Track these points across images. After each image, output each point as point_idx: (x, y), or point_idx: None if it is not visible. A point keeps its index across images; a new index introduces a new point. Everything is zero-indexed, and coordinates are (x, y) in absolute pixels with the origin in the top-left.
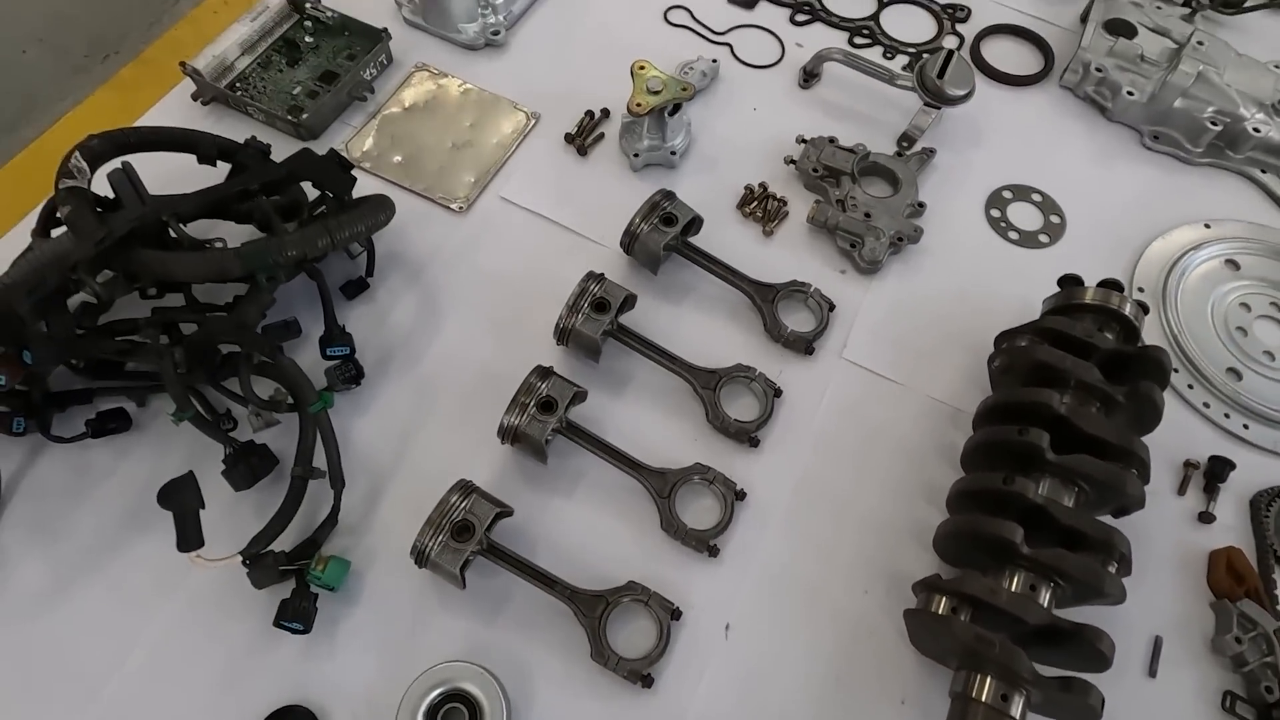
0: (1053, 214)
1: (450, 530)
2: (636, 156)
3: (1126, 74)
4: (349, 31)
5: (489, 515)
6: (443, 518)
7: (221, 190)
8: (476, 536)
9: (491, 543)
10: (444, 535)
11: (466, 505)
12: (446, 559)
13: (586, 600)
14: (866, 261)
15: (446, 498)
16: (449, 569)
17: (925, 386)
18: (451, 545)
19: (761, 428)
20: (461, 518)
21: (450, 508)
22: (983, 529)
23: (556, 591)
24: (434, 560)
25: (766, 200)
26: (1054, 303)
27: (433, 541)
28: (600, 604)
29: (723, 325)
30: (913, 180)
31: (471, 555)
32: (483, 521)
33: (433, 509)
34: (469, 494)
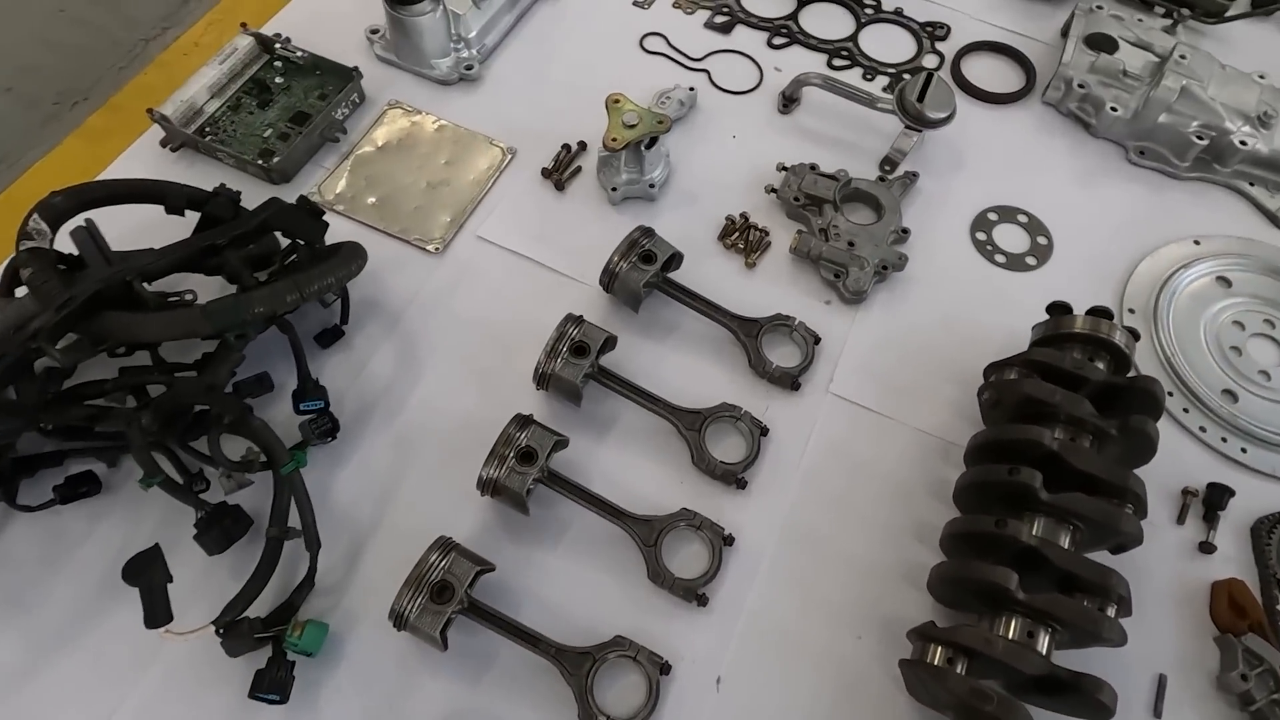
0: (1039, 235)
1: (429, 591)
2: (615, 190)
3: (1109, 90)
4: (320, 70)
5: (469, 574)
6: (421, 579)
7: (189, 247)
8: (457, 597)
9: (473, 601)
10: (423, 597)
11: (445, 564)
12: (426, 622)
13: (573, 658)
14: (851, 292)
15: (425, 557)
16: (429, 632)
17: (915, 420)
18: (431, 607)
19: (748, 468)
20: (440, 578)
21: (429, 568)
22: (976, 575)
23: (541, 650)
24: (413, 623)
25: (748, 231)
26: (1042, 332)
27: (411, 604)
28: (587, 661)
29: (707, 362)
30: (896, 206)
31: (453, 615)
32: (463, 581)
33: (411, 569)
34: (448, 552)
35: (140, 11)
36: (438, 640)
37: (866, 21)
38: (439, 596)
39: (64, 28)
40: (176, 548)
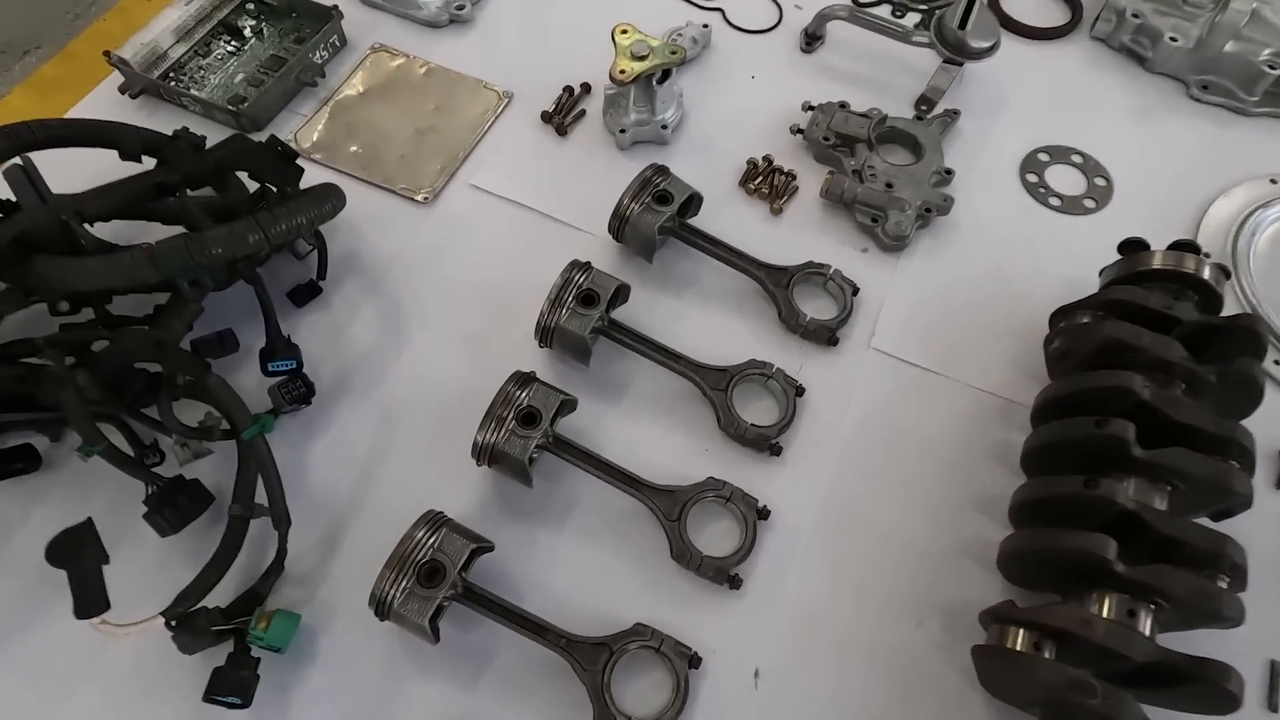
0: (1097, 176)
1: (417, 573)
2: (623, 133)
3: (1168, 18)
4: (296, 13)
5: (463, 553)
6: (406, 558)
7: (135, 184)
8: (449, 579)
9: (468, 585)
10: (409, 580)
11: (435, 542)
12: (413, 609)
13: (586, 650)
14: (891, 237)
15: (410, 534)
16: (416, 620)
17: (969, 377)
18: (419, 592)
19: (783, 432)
20: (429, 558)
21: (415, 545)
22: (1065, 545)
23: (549, 641)
24: (398, 611)
25: (772, 175)
26: (1116, 271)
27: (396, 588)
28: (603, 654)
29: (731, 317)
30: (937, 145)
31: (445, 602)
32: (455, 561)
33: (394, 548)
34: (437, 528)
35: None
36: (427, 631)
37: None
38: (428, 580)
39: None
40: (127, 533)
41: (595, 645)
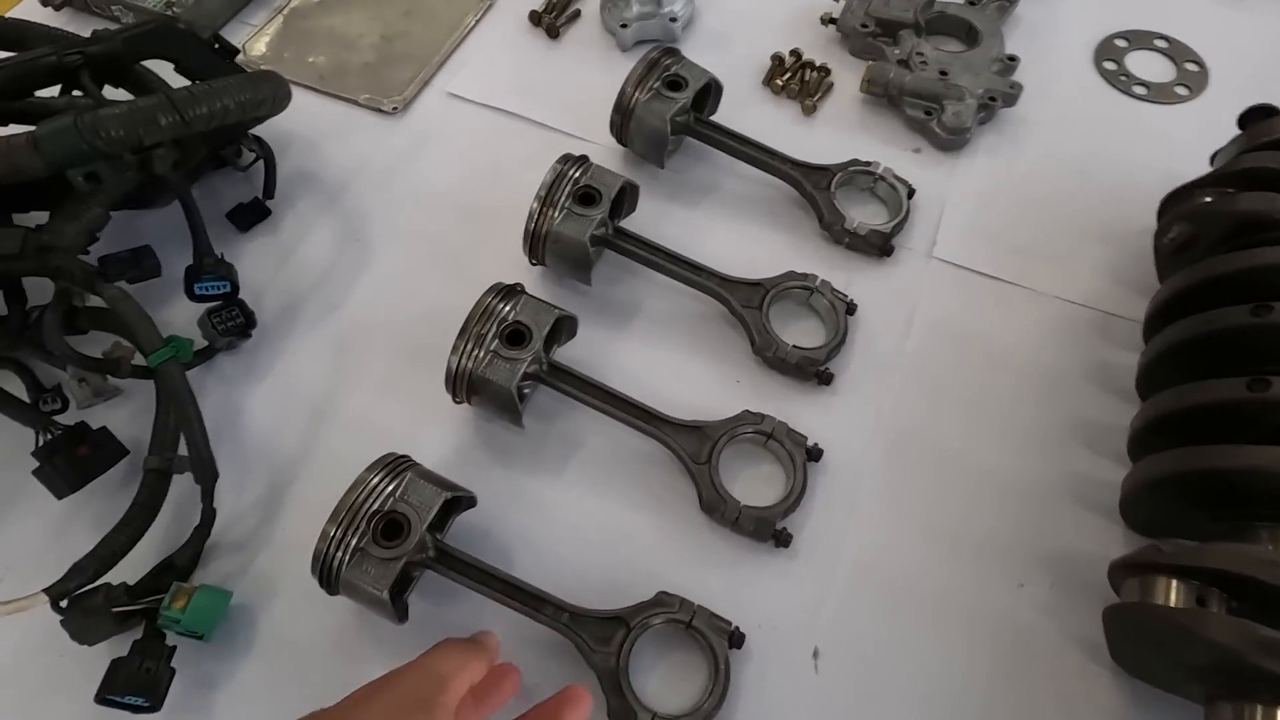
0: (1187, 61)
1: (372, 529)
2: (625, 28)
3: None
4: None
5: (433, 504)
6: (358, 510)
7: (18, 62)
8: (414, 537)
9: (441, 547)
10: (361, 537)
11: (395, 490)
12: (368, 575)
13: (595, 627)
14: (950, 131)
15: (363, 479)
16: (372, 590)
17: (1055, 287)
18: (374, 553)
19: (833, 356)
20: (388, 508)
21: (369, 493)
22: (1233, 463)
23: (547, 617)
24: (347, 578)
25: (802, 70)
26: (1239, 147)
27: (342, 549)
28: (617, 631)
29: (760, 228)
30: (995, 31)
31: (413, 570)
32: (423, 514)
33: (341, 497)
34: (399, 473)
35: None
36: (387, 604)
37: None
38: (386, 537)
39: None
40: (15, 495)
41: (607, 620)
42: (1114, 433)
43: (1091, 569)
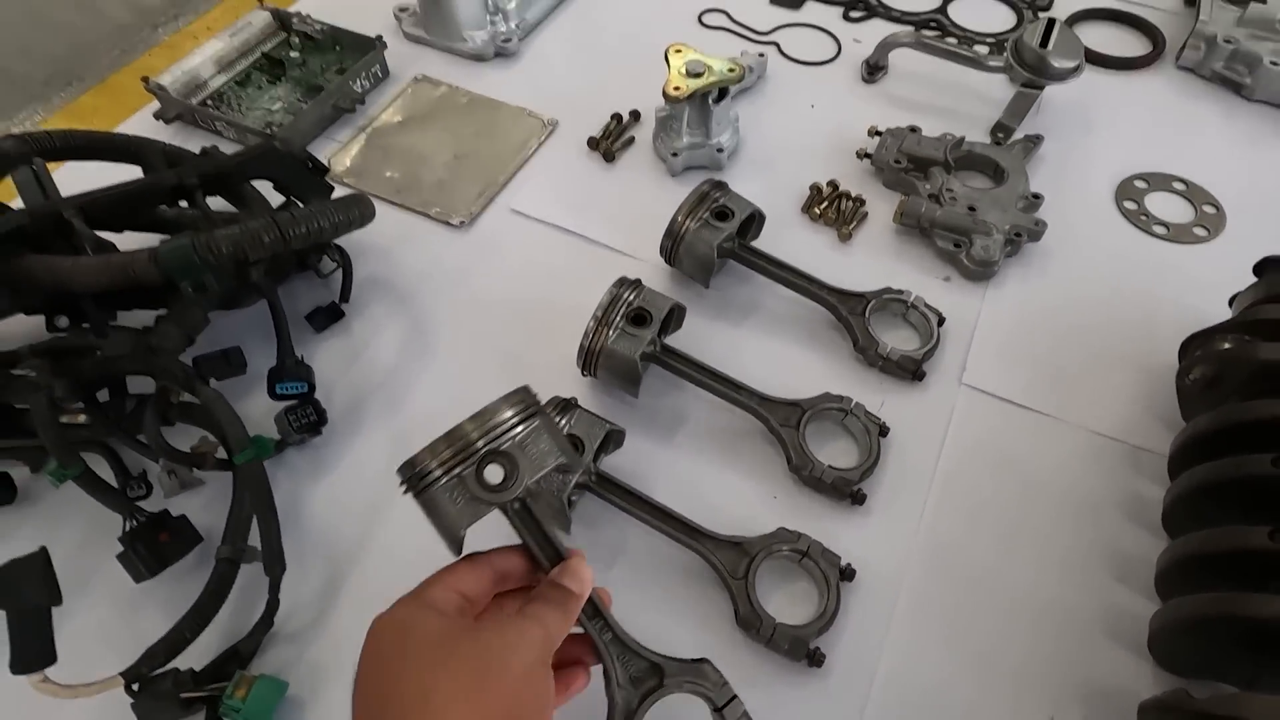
0: (1205, 204)
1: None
2: (675, 156)
3: (1265, 43)
4: (340, 45)
5: (545, 463)
6: (470, 444)
7: (147, 183)
8: (516, 488)
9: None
10: (468, 467)
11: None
12: (453, 504)
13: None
14: (977, 263)
15: (495, 408)
16: (452, 520)
17: (1083, 418)
18: (472, 489)
19: (866, 477)
20: (502, 448)
21: (496, 430)
22: (1256, 613)
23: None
24: (433, 497)
25: (839, 199)
26: (1256, 294)
27: (443, 471)
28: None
29: (799, 349)
30: (1021, 170)
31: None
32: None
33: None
34: (529, 415)
35: None
36: (459, 540)
37: None
38: (489, 478)
39: (65, 9)
40: (94, 575)
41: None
42: (1144, 566)
43: (1123, 704)
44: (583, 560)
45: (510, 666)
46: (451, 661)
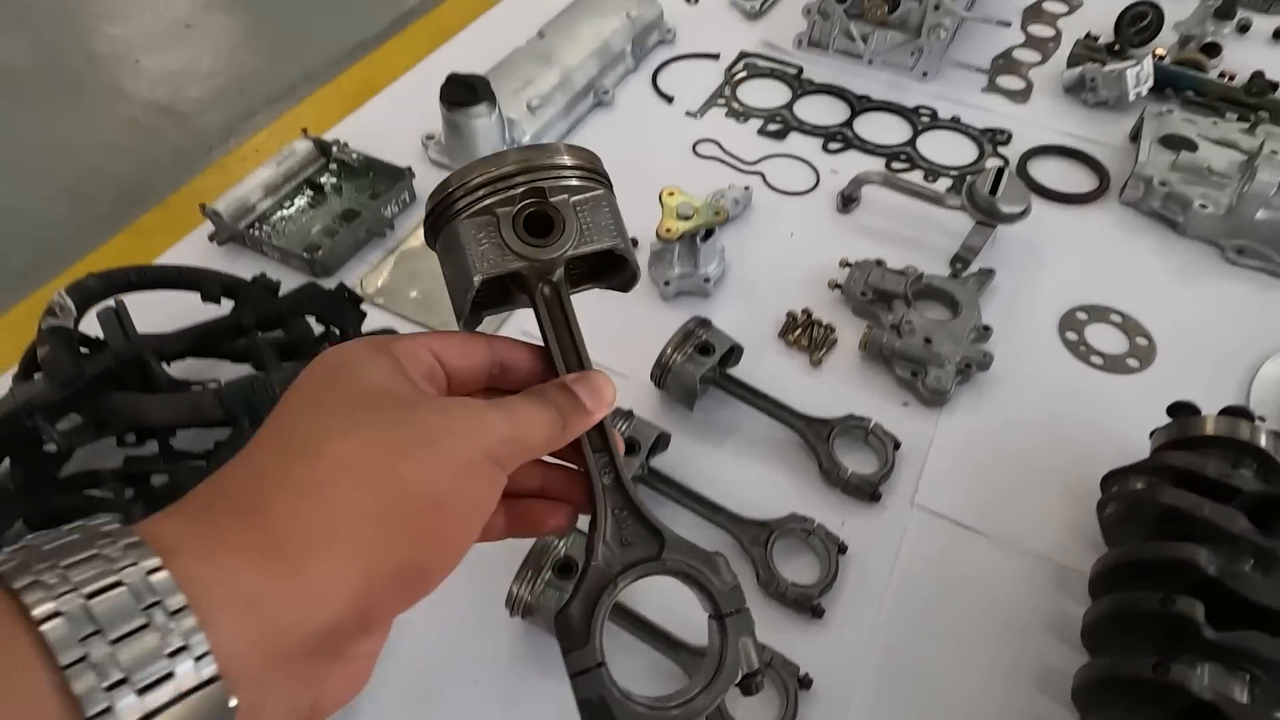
0: (1138, 336)
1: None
2: (667, 285)
3: (1196, 187)
4: (373, 172)
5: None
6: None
7: (211, 326)
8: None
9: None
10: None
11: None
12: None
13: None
14: (931, 391)
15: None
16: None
17: (1019, 539)
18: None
19: (825, 592)
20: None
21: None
22: None
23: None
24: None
25: (811, 327)
26: (1168, 435)
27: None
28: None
29: (771, 468)
30: (974, 303)
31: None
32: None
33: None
34: (594, 178)
35: (207, 123)
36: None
37: (923, 129)
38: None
39: (133, 135)
40: None
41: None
42: (1066, 679)
43: None
44: (606, 377)
45: (444, 451)
46: (369, 420)
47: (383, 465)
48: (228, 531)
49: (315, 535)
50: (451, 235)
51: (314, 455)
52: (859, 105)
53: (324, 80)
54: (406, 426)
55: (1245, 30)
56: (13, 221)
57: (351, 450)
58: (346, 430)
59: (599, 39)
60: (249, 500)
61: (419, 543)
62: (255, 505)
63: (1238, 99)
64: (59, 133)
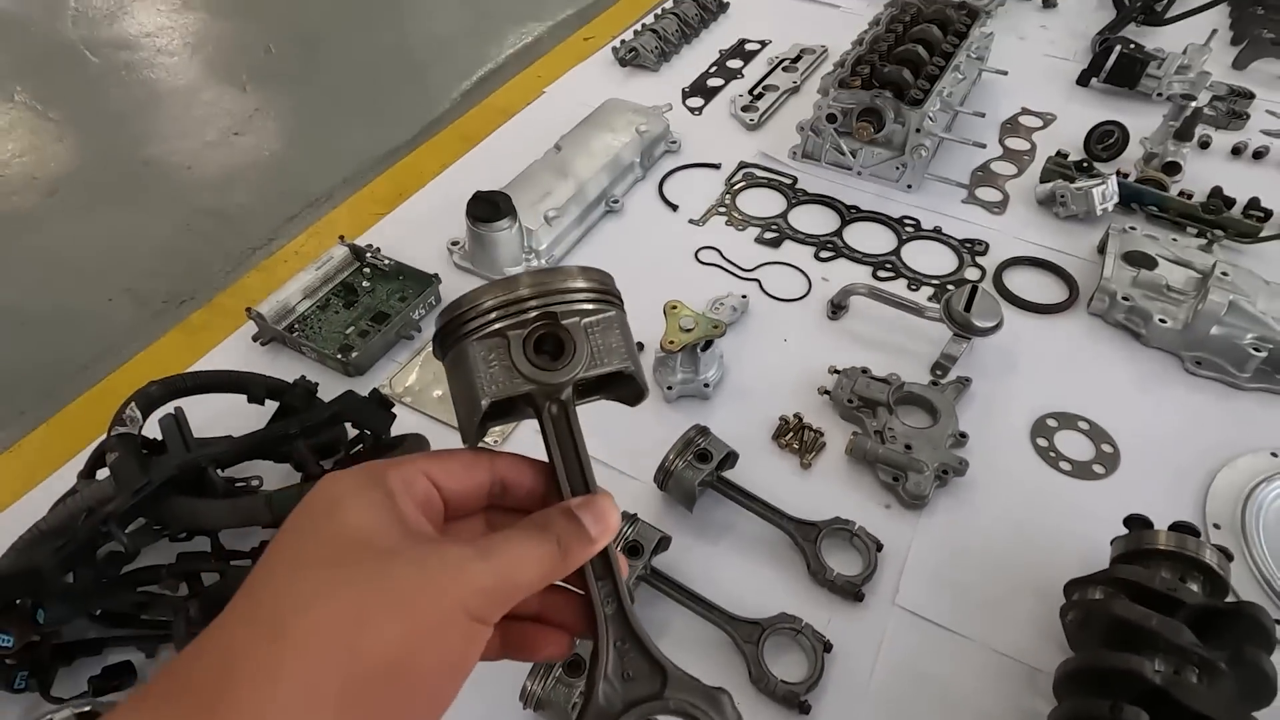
0: (1104, 443)
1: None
2: (670, 389)
3: (1155, 302)
4: (403, 276)
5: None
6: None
7: (263, 435)
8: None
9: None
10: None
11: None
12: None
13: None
14: (911, 496)
15: None
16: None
17: (992, 639)
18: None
19: (811, 689)
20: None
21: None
22: None
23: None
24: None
25: (802, 431)
26: (1123, 547)
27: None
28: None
29: (764, 566)
30: (951, 410)
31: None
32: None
33: None
34: (606, 300)
35: (253, 227)
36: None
37: (907, 239)
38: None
39: (186, 239)
40: None
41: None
42: None
43: None
44: (612, 501)
45: (413, 613)
46: (341, 579)
47: (345, 639)
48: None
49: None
50: (460, 355)
51: (279, 634)
52: (848, 215)
53: (359, 185)
54: (377, 587)
55: (1206, 146)
56: (78, 320)
57: (314, 624)
58: (314, 597)
59: (611, 152)
60: (207, 699)
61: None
62: (213, 704)
63: (1196, 215)
64: (120, 236)
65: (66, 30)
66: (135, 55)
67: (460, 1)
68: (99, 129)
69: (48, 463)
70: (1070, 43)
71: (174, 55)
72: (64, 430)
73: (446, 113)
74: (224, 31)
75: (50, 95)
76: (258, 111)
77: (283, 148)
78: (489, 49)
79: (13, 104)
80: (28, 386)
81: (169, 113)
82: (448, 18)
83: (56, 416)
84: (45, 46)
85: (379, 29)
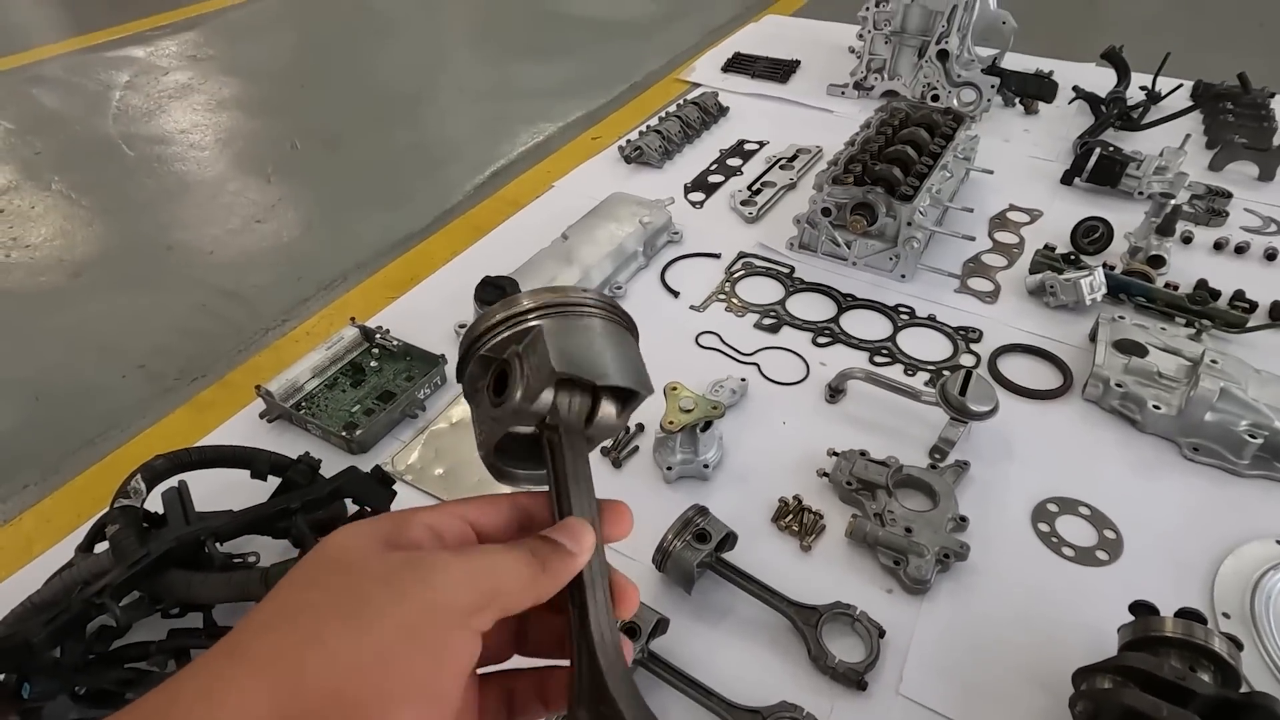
0: (1106, 529)
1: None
2: (670, 469)
3: (1149, 389)
4: (410, 357)
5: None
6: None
7: (262, 510)
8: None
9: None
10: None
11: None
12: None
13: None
14: (913, 580)
15: None
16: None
17: None
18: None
19: None
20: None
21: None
22: None
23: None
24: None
25: (802, 513)
26: (1131, 634)
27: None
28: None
29: (764, 651)
30: (950, 493)
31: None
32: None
33: None
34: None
35: (267, 308)
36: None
37: (902, 325)
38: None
39: (201, 318)
40: None
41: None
42: None
43: None
44: (586, 524)
45: (368, 624)
46: (306, 601)
47: (289, 657)
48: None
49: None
50: (472, 403)
51: (235, 653)
52: (845, 303)
53: (372, 270)
54: (339, 600)
55: (1189, 241)
56: (91, 395)
57: (271, 644)
58: (277, 617)
59: (615, 241)
60: (160, 712)
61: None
62: (166, 711)
63: (1183, 306)
64: (139, 315)
65: (107, 126)
66: (169, 149)
67: (476, 104)
68: (128, 216)
69: (46, 536)
70: (1053, 144)
71: (205, 150)
72: (65, 504)
73: (459, 204)
74: (254, 129)
75: (85, 184)
76: (280, 201)
77: (301, 234)
78: (502, 146)
79: (49, 192)
80: (34, 460)
81: (196, 200)
82: (464, 119)
83: (59, 491)
84: (86, 141)
85: (399, 129)
